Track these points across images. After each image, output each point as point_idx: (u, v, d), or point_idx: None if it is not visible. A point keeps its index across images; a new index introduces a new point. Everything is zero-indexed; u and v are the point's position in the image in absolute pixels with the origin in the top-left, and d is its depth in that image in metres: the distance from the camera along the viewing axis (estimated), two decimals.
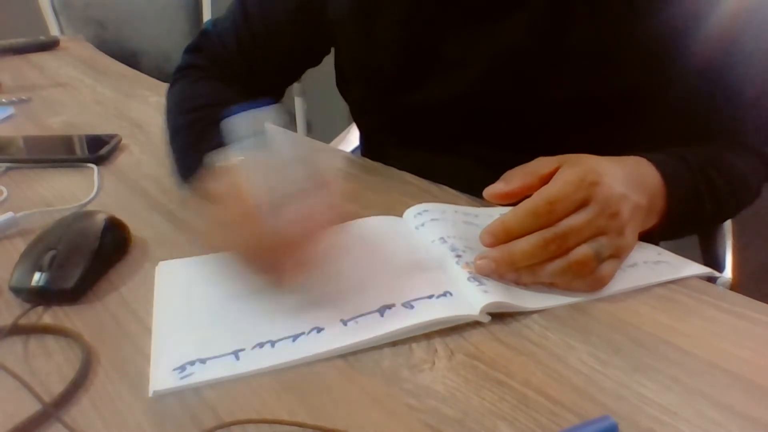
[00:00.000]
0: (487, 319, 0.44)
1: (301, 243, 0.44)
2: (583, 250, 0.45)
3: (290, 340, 0.42)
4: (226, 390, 0.39)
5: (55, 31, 1.76)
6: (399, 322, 0.43)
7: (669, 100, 0.65)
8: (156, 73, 1.21)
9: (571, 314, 0.46)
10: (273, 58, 0.75)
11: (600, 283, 0.47)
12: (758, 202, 0.67)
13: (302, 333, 0.43)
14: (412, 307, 0.44)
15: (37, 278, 0.47)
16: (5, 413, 0.37)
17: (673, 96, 0.64)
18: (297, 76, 0.81)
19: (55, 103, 1.01)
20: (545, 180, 0.48)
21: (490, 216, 0.56)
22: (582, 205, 0.46)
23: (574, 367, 0.40)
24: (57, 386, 0.39)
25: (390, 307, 0.45)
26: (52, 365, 0.41)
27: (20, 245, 0.54)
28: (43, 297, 0.47)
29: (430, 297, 0.46)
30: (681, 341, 0.43)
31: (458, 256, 0.50)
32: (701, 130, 0.65)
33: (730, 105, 0.64)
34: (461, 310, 0.44)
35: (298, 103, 2.02)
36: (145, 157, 0.76)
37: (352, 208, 0.46)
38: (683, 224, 0.58)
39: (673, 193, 0.54)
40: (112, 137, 0.80)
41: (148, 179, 0.70)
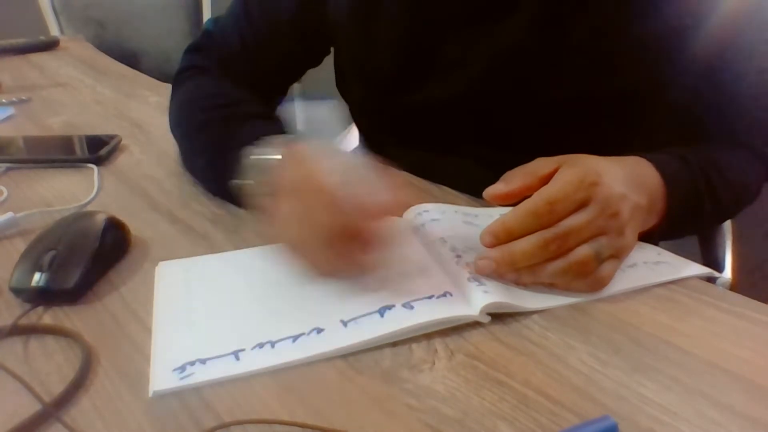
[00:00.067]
0: (487, 320, 0.44)
1: (374, 229, 0.45)
2: (584, 251, 0.45)
3: (290, 340, 0.42)
4: (226, 390, 0.39)
5: (55, 31, 1.76)
6: (399, 322, 0.43)
7: (668, 100, 0.65)
8: (156, 73, 1.21)
9: (571, 314, 0.46)
10: (275, 59, 0.75)
11: (600, 284, 0.47)
12: (758, 203, 0.67)
13: (302, 333, 0.43)
14: (412, 308, 0.44)
15: (37, 278, 0.47)
16: (5, 413, 0.37)
17: (673, 96, 0.64)
18: (298, 77, 0.81)
19: (55, 103, 1.01)
20: (545, 180, 0.48)
21: (490, 216, 0.56)
22: (582, 205, 0.46)
23: (574, 367, 0.40)
24: (57, 386, 0.39)
25: (390, 307, 0.45)
26: (52, 365, 0.41)
27: (20, 245, 0.54)
28: (43, 297, 0.47)
29: (430, 297, 0.46)
30: (681, 341, 0.43)
31: (458, 257, 0.50)
32: (701, 130, 0.65)
33: (729, 105, 0.64)
34: (461, 311, 0.44)
35: (298, 103, 2.02)
36: (145, 157, 0.76)
37: (410, 199, 0.47)
38: (683, 224, 0.58)
39: (673, 193, 0.54)
40: (112, 137, 0.80)
41: (148, 179, 0.70)
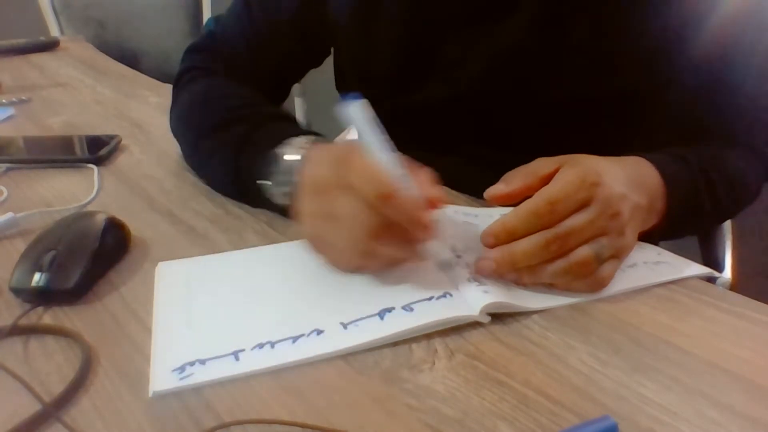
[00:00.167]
0: (487, 320, 0.44)
1: (408, 225, 0.45)
2: (584, 251, 0.45)
3: (290, 341, 0.42)
4: (226, 390, 0.39)
5: (55, 32, 1.76)
6: (399, 324, 0.43)
7: (668, 100, 0.65)
8: (156, 73, 1.21)
9: (571, 314, 0.46)
10: (276, 59, 0.75)
11: (600, 284, 0.47)
12: (758, 202, 0.67)
13: (302, 335, 0.43)
14: (412, 310, 0.44)
15: (37, 278, 0.47)
16: (5, 413, 0.37)
17: (673, 96, 0.64)
18: (299, 77, 0.81)
19: (55, 103, 1.01)
20: (545, 181, 0.48)
21: (490, 216, 0.56)
22: (583, 206, 0.46)
23: (574, 367, 0.40)
24: (57, 386, 0.39)
25: (390, 310, 0.45)
26: (52, 365, 0.41)
27: (20, 245, 0.54)
28: (43, 297, 0.47)
29: (430, 299, 0.46)
30: (681, 341, 0.43)
31: (458, 257, 0.50)
32: (701, 130, 0.65)
33: (730, 105, 0.64)
34: (461, 311, 0.44)
35: (298, 103, 2.02)
36: (145, 157, 0.76)
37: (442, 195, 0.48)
38: (683, 224, 0.58)
39: (673, 193, 0.54)
40: (112, 137, 0.80)
41: (148, 179, 0.70)
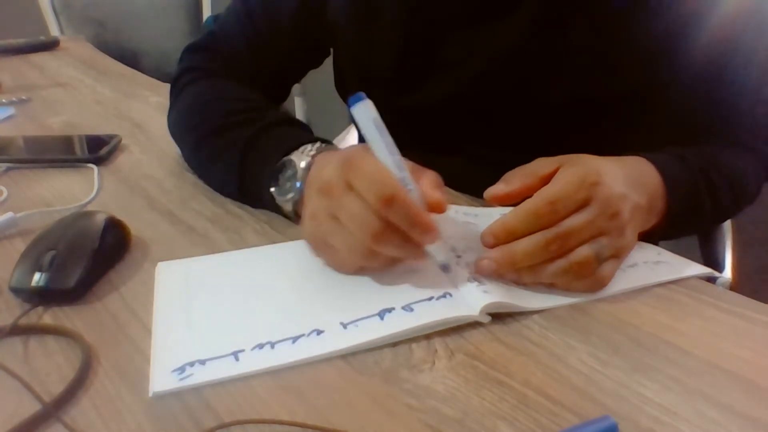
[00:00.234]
0: (487, 320, 0.44)
1: (421, 227, 0.45)
2: (584, 251, 0.45)
3: (290, 341, 0.42)
4: (226, 390, 0.39)
5: (55, 31, 1.76)
6: (399, 325, 0.43)
7: (668, 100, 0.65)
8: (156, 73, 1.21)
9: (571, 314, 0.46)
10: (276, 59, 0.75)
11: (600, 284, 0.47)
12: (758, 202, 0.67)
13: (302, 335, 0.43)
14: (412, 310, 0.44)
15: (37, 278, 0.47)
16: (5, 413, 0.37)
17: (673, 96, 0.64)
18: (299, 77, 0.81)
19: (55, 103, 1.01)
20: (545, 180, 0.48)
21: (490, 216, 0.56)
22: (583, 205, 0.46)
23: (574, 367, 0.40)
24: (57, 386, 0.39)
25: (390, 310, 0.45)
26: (52, 365, 0.41)
27: (20, 245, 0.54)
28: (43, 297, 0.47)
29: (430, 299, 0.46)
30: (681, 341, 0.43)
31: (458, 257, 0.50)
32: (701, 130, 0.65)
33: (730, 104, 0.64)
34: (461, 311, 0.44)
35: (298, 103, 2.02)
36: (145, 157, 0.76)
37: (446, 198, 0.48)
38: (683, 224, 0.58)
39: (673, 193, 0.54)
40: (112, 137, 0.80)
41: (148, 179, 0.70)
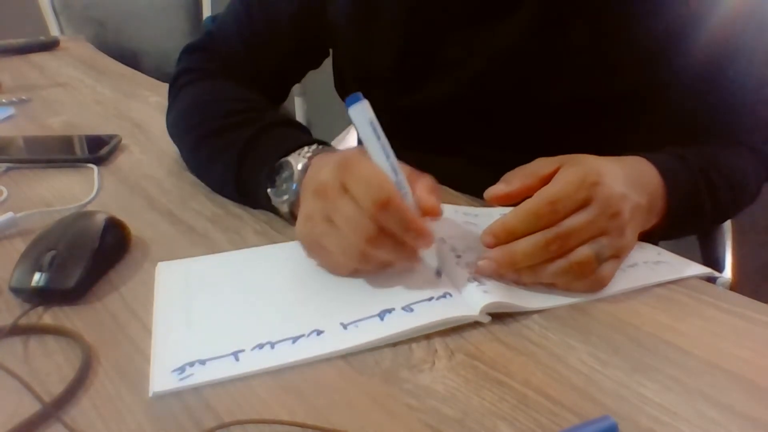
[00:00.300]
0: (487, 320, 0.44)
1: (414, 233, 0.45)
2: (584, 251, 0.45)
3: (290, 341, 0.42)
4: (226, 390, 0.39)
5: (55, 31, 1.76)
6: (399, 325, 0.43)
7: (668, 100, 0.65)
8: (156, 73, 1.21)
9: (571, 314, 0.46)
10: (275, 59, 0.75)
11: (600, 284, 0.47)
12: (758, 202, 0.67)
13: (302, 335, 0.43)
14: (412, 311, 0.44)
15: (37, 278, 0.47)
16: (5, 413, 0.37)
17: (673, 96, 0.64)
18: (299, 78, 0.81)
19: (55, 103, 1.01)
20: (546, 181, 0.48)
21: (490, 216, 0.56)
22: (583, 205, 0.46)
23: (574, 367, 0.40)
24: (57, 386, 0.39)
25: (390, 311, 0.45)
26: (52, 365, 0.41)
27: (20, 245, 0.54)
28: (43, 297, 0.47)
29: (430, 299, 0.46)
30: (681, 341, 0.43)
31: (458, 257, 0.50)
32: (701, 130, 0.65)
33: (730, 104, 0.64)
34: (461, 311, 0.44)
35: (298, 103, 2.02)
36: (145, 157, 0.76)
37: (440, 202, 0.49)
38: (683, 224, 0.58)
39: (673, 193, 0.54)
40: (112, 137, 0.80)
41: (148, 179, 0.70)
